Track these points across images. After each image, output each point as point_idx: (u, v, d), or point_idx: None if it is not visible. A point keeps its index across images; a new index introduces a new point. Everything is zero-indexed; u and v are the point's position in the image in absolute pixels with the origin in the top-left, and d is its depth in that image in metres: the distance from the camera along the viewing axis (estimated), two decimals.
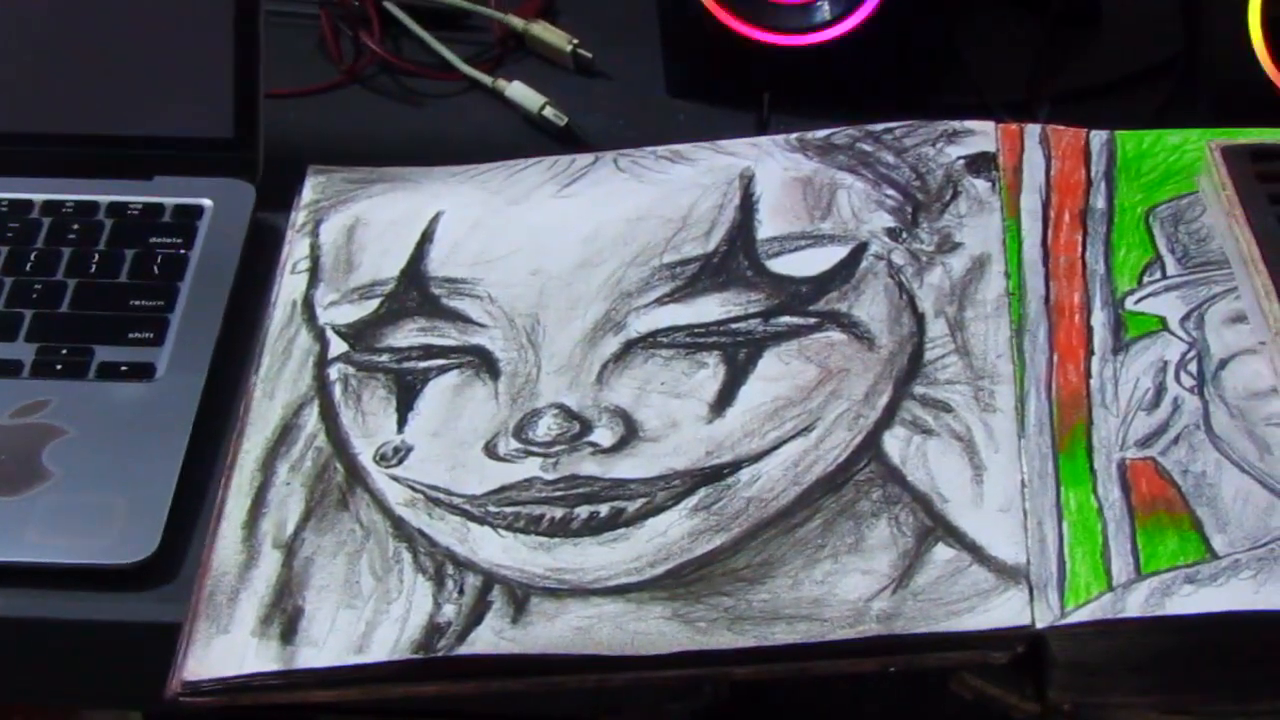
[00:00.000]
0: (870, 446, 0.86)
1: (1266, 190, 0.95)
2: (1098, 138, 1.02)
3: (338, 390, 0.92)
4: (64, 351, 0.96)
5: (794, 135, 1.04)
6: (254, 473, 0.89)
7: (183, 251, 1.01)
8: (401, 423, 0.90)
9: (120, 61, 1.05)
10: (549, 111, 1.13)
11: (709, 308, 0.94)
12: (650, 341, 0.93)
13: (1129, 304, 0.92)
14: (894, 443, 0.86)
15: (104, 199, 1.04)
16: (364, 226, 1.02)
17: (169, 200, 1.04)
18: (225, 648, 0.81)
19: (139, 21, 1.05)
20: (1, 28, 1.06)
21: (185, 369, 0.95)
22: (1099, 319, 0.91)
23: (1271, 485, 0.82)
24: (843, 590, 0.80)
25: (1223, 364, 0.88)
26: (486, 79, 1.16)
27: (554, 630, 0.80)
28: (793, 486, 0.85)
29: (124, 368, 0.95)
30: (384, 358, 0.94)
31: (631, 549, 0.83)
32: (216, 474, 0.89)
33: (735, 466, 0.86)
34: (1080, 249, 0.95)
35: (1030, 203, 0.98)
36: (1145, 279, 0.93)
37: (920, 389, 0.88)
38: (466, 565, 0.83)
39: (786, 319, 0.93)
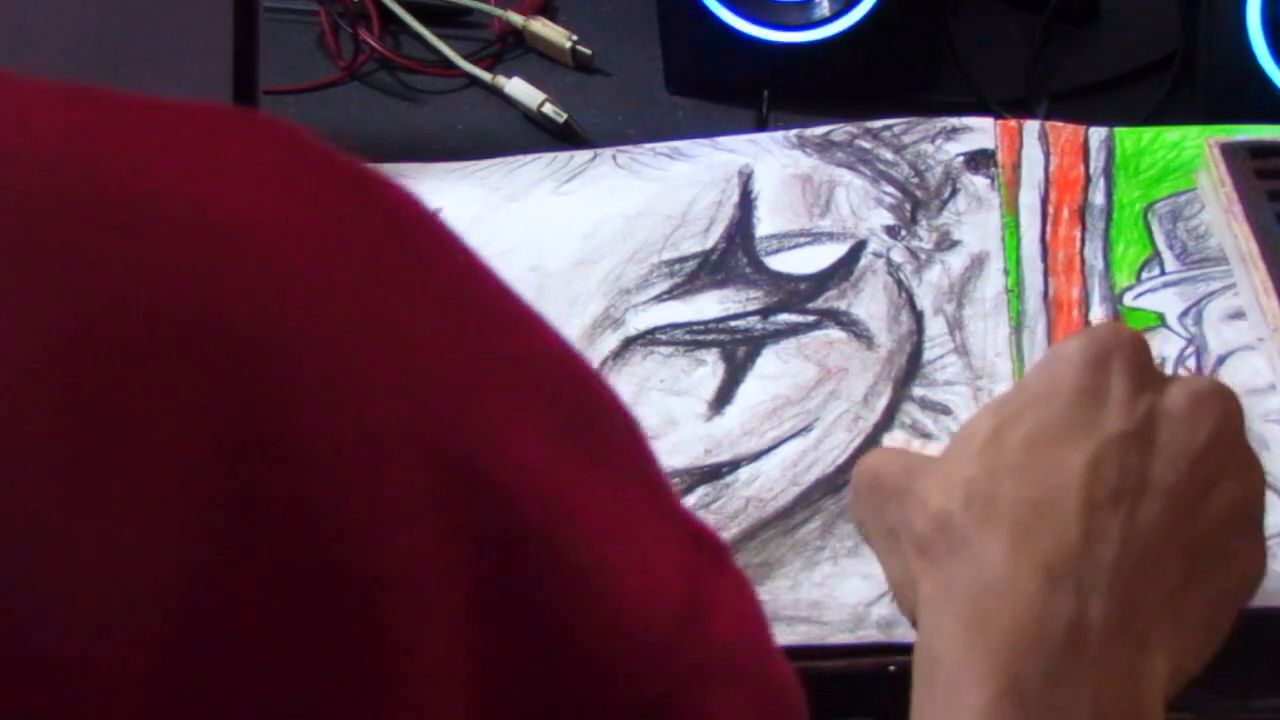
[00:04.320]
0: (869, 448, 0.86)
1: (1265, 187, 0.95)
2: (1096, 134, 1.02)
3: None
4: None
5: (793, 132, 1.04)
6: None
7: None
8: None
9: (116, 57, 1.05)
10: (548, 108, 1.12)
11: (707, 305, 0.94)
12: (649, 339, 0.93)
13: (1128, 300, 0.92)
14: (893, 445, 0.86)
15: None
16: None
17: None
18: None
19: (135, 16, 1.05)
20: None
21: None
22: (1098, 315, 0.91)
23: (1270, 483, 0.82)
24: (842, 594, 0.79)
25: (1221, 360, 0.88)
26: (486, 76, 1.16)
27: None
28: (792, 486, 0.84)
29: None
30: None
31: None
32: None
33: (734, 465, 0.86)
34: (1079, 245, 0.95)
35: (1029, 199, 0.98)
36: (1144, 275, 0.93)
37: (919, 391, 0.88)
38: None
39: (785, 316, 0.93)
